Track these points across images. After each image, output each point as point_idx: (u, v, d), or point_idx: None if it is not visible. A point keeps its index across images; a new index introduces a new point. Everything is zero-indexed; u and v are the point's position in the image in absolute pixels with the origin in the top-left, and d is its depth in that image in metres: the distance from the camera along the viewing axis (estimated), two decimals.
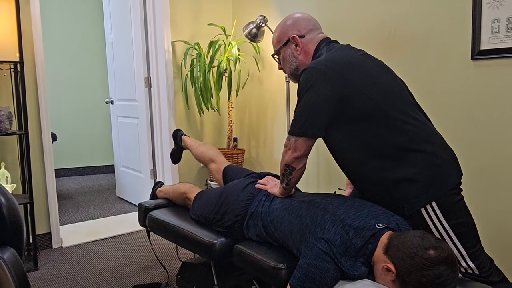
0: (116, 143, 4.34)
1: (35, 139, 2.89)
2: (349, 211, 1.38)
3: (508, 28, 1.99)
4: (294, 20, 1.67)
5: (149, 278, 2.50)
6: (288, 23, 1.68)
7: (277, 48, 1.71)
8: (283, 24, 1.69)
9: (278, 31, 1.70)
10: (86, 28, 5.51)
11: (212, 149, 2.41)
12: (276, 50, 1.72)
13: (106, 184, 5.10)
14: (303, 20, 1.67)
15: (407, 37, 2.41)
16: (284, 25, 1.69)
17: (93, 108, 5.63)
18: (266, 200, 1.71)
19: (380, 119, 1.44)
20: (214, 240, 1.76)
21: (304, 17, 1.68)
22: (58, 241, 3.04)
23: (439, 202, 1.41)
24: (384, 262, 1.24)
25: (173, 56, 3.46)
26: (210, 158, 2.36)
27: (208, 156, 2.37)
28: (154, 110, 3.59)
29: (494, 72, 2.07)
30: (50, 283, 2.45)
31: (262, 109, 3.53)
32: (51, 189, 2.98)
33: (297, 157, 1.53)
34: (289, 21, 1.68)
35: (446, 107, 2.27)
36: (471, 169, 2.19)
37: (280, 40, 1.69)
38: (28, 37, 2.82)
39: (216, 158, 2.35)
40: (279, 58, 1.74)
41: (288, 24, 1.67)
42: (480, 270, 1.43)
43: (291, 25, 1.67)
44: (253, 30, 3.04)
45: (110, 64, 4.23)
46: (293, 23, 1.67)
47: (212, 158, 2.35)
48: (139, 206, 2.32)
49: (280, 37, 1.69)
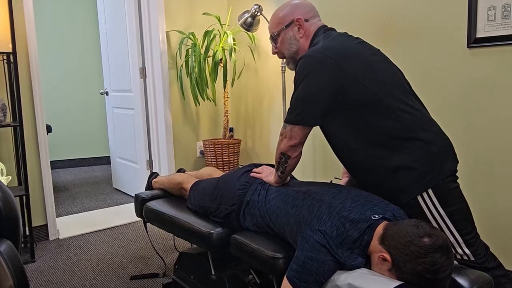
0: (111, 134, 4.32)
1: (30, 131, 2.87)
2: (345, 202, 1.39)
3: (504, 15, 1.98)
4: (297, 4, 1.66)
5: (146, 268, 2.51)
6: (289, 7, 1.66)
7: (278, 29, 1.67)
8: (284, 7, 1.67)
9: (278, 13, 1.68)
10: (79, 18, 5.45)
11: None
12: (277, 31, 1.67)
13: (102, 176, 5.09)
14: (308, 5, 1.67)
15: (403, 25, 2.40)
16: (287, 7, 1.66)
17: (88, 99, 5.60)
18: (261, 189, 1.71)
19: (377, 107, 1.44)
20: (211, 230, 1.76)
21: (307, 2, 1.68)
22: (55, 233, 3.04)
23: (435, 189, 1.41)
24: (380, 252, 1.24)
25: (168, 46, 3.43)
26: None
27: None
28: (150, 101, 3.57)
29: (490, 60, 2.06)
30: (48, 275, 2.45)
31: (258, 99, 3.52)
32: (47, 181, 2.97)
33: (292, 145, 1.53)
34: (290, 5, 1.66)
35: (442, 95, 2.27)
36: (466, 156, 2.20)
37: (282, 21, 1.66)
38: (21, 28, 2.78)
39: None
40: (277, 40, 1.70)
41: (293, 6, 1.65)
42: (475, 257, 1.44)
43: (296, 7, 1.65)
44: (248, 19, 3.01)
45: (104, 54, 4.20)
46: (297, 6, 1.65)
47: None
48: (135, 197, 2.31)
49: (283, 19, 1.66)
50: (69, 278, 2.40)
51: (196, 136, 3.67)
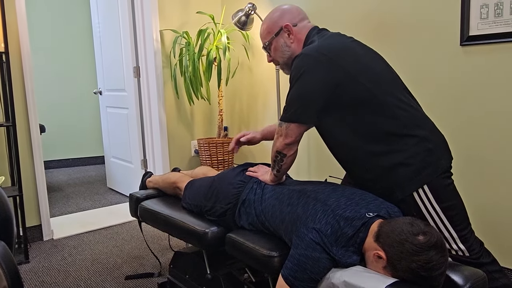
0: (105, 134, 4.30)
1: (23, 131, 2.85)
2: (339, 200, 1.39)
3: (496, 13, 1.99)
4: (283, 10, 1.67)
5: (141, 268, 2.50)
6: (277, 14, 1.67)
7: (268, 39, 1.69)
8: (272, 15, 1.68)
9: (267, 22, 1.69)
10: (73, 17, 5.42)
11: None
12: (268, 41, 1.70)
13: (97, 175, 5.07)
14: (294, 10, 1.67)
15: (396, 24, 2.41)
16: (273, 16, 1.68)
17: (81, 98, 5.57)
18: (257, 187, 1.71)
19: (373, 104, 1.44)
20: (206, 229, 1.76)
21: (293, 7, 1.69)
22: (49, 233, 3.02)
23: (431, 185, 1.42)
24: (375, 250, 1.25)
25: (161, 45, 3.42)
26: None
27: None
28: (144, 100, 3.55)
29: (483, 58, 2.08)
30: (42, 275, 2.44)
31: (253, 98, 3.52)
32: (40, 181, 2.95)
33: (288, 144, 1.53)
34: (278, 12, 1.68)
35: (435, 93, 2.28)
36: (459, 153, 2.21)
37: (270, 30, 1.68)
38: (13, 27, 2.76)
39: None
40: (270, 49, 1.72)
41: (278, 15, 1.66)
42: (470, 252, 1.45)
43: (281, 15, 1.66)
44: (242, 18, 3.01)
45: (98, 53, 4.18)
46: (284, 13, 1.66)
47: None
48: (130, 196, 2.30)
49: (271, 28, 1.68)
50: (64, 279, 2.39)
51: (190, 135, 3.67)
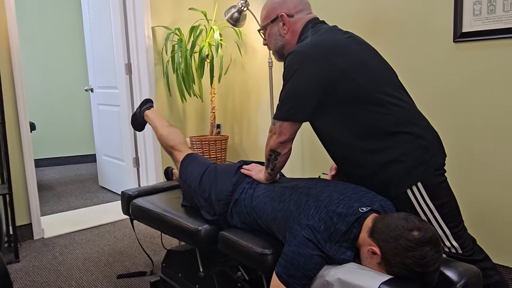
0: (97, 131, 4.27)
1: (12, 129, 2.82)
2: (332, 195, 1.38)
3: (489, 10, 1.99)
4: None
5: (133, 267, 2.48)
6: (278, 0, 1.64)
7: (264, 24, 1.68)
8: (274, 0, 1.66)
9: (267, 7, 1.67)
10: (63, 13, 5.36)
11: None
12: (263, 26, 1.69)
13: (88, 174, 5.02)
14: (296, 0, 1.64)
15: (389, 21, 2.41)
16: (274, 1, 1.65)
17: (72, 96, 5.52)
18: (249, 187, 1.70)
19: (367, 101, 1.43)
20: (199, 227, 1.74)
21: None
22: (40, 232, 2.99)
23: (424, 182, 1.42)
24: (369, 245, 1.24)
25: (153, 42, 3.39)
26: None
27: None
28: (136, 97, 3.52)
29: (476, 54, 2.08)
30: (33, 275, 2.41)
31: (246, 95, 3.50)
32: (30, 179, 2.91)
33: (282, 142, 1.52)
34: None
35: (429, 89, 2.27)
36: (453, 150, 2.21)
37: (268, 16, 1.66)
38: (2, 23, 2.72)
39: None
40: (265, 34, 1.71)
41: (279, 2, 1.64)
42: (463, 249, 1.45)
43: (282, 2, 1.63)
44: (235, 15, 2.99)
45: (89, 50, 4.13)
46: (285, 1, 1.63)
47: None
48: (122, 194, 2.28)
49: (269, 13, 1.66)
50: (55, 278, 2.36)
51: (183, 132, 3.64)
